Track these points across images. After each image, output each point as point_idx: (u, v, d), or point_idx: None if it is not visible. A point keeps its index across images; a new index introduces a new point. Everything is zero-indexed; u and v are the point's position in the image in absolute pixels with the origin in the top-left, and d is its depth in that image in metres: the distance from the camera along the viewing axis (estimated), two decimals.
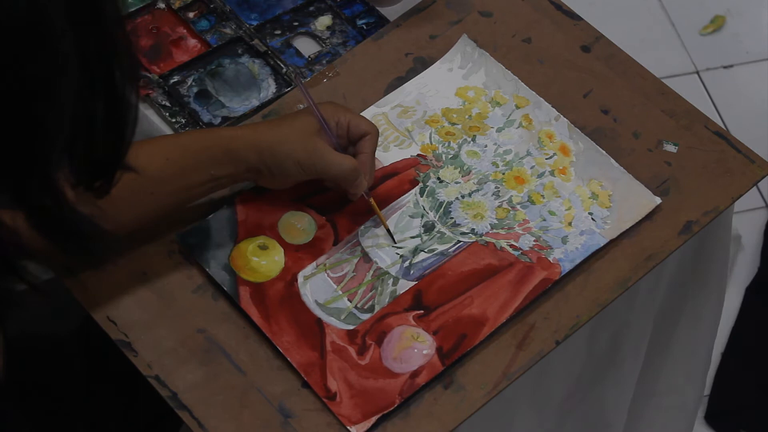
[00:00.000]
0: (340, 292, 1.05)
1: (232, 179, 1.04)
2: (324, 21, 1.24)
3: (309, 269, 1.06)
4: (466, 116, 1.16)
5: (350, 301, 1.05)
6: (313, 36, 1.23)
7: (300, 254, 1.07)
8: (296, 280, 1.05)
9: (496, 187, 1.12)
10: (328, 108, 1.05)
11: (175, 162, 1.01)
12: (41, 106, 0.64)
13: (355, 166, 1.03)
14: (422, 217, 1.10)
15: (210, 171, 1.02)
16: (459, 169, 1.13)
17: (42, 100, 0.63)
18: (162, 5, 1.24)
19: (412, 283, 1.06)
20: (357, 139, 1.06)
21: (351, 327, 1.03)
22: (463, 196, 1.11)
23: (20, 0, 0.61)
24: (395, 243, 1.07)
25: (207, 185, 1.03)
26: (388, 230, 1.08)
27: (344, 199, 1.10)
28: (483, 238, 1.08)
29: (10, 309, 0.74)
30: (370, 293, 1.05)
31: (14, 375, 0.88)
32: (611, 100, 1.18)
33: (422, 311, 1.04)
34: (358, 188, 1.05)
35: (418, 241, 1.08)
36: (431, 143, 1.14)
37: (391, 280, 1.06)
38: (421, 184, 1.12)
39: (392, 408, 0.99)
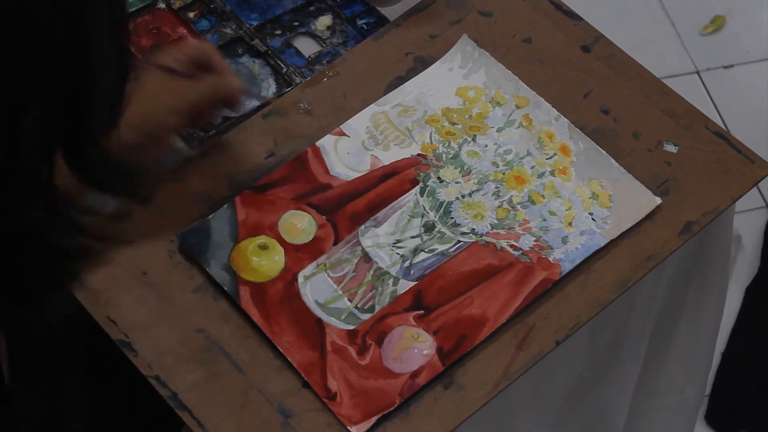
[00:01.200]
0: (341, 292, 1.05)
1: None
2: (324, 21, 1.24)
3: (309, 269, 1.06)
4: (467, 116, 1.16)
5: (350, 301, 1.05)
6: (314, 36, 1.23)
7: (300, 254, 1.07)
8: (296, 280, 1.05)
9: (496, 187, 1.12)
10: (160, 54, 1.05)
11: None
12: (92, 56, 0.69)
13: (216, 76, 1.04)
14: (422, 217, 1.10)
15: None
16: (459, 168, 1.13)
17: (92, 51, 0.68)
18: (162, 5, 1.24)
19: (413, 283, 1.06)
20: (205, 62, 1.05)
21: (351, 327, 1.03)
22: (463, 196, 1.11)
23: None
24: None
25: None
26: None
27: (344, 199, 1.10)
28: (483, 238, 1.08)
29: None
30: (371, 293, 1.05)
31: (14, 378, 0.88)
32: (611, 100, 1.18)
33: (422, 311, 1.04)
34: (233, 86, 1.05)
35: (418, 241, 1.08)
36: (431, 143, 1.14)
37: (392, 280, 1.06)
38: (421, 184, 1.12)
39: (392, 408, 0.99)
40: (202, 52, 1.06)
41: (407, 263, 1.07)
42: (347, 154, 1.13)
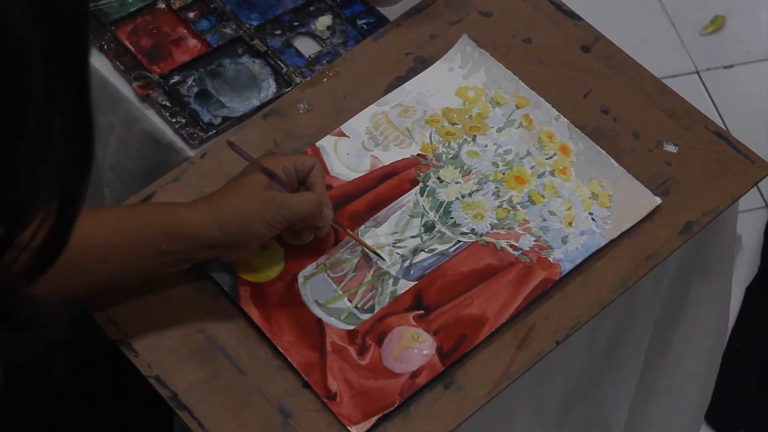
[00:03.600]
0: (340, 292, 1.05)
1: (188, 256, 1.00)
2: (324, 21, 1.24)
3: (309, 269, 1.06)
4: (467, 116, 1.16)
5: (350, 301, 1.05)
6: (314, 36, 1.23)
7: (300, 254, 1.07)
8: (296, 280, 1.05)
9: (496, 187, 1.12)
10: (271, 160, 1.03)
11: (122, 232, 0.98)
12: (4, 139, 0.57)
13: (317, 198, 1.02)
14: (422, 216, 1.10)
15: (161, 245, 0.98)
16: (459, 169, 1.13)
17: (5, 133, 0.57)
18: (162, 5, 1.24)
19: (413, 283, 1.06)
20: (305, 177, 1.04)
21: (351, 327, 1.03)
22: (463, 196, 1.11)
23: None
24: (384, 260, 1.06)
25: (159, 259, 0.99)
26: (374, 252, 1.07)
27: (344, 200, 1.10)
28: (483, 238, 1.08)
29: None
30: (370, 293, 1.05)
31: (8, 380, 0.88)
32: (611, 100, 1.18)
33: (422, 311, 1.04)
34: (326, 219, 1.03)
35: (418, 240, 1.08)
36: (431, 143, 1.14)
37: (391, 280, 1.06)
38: (421, 184, 1.12)
39: (392, 408, 0.99)
40: (308, 167, 1.04)
41: (407, 263, 1.07)
42: (347, 154, 1.13)
